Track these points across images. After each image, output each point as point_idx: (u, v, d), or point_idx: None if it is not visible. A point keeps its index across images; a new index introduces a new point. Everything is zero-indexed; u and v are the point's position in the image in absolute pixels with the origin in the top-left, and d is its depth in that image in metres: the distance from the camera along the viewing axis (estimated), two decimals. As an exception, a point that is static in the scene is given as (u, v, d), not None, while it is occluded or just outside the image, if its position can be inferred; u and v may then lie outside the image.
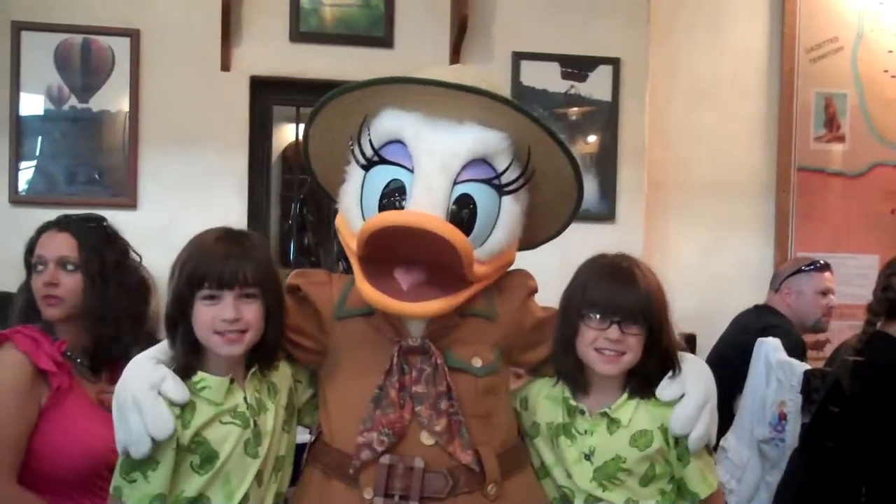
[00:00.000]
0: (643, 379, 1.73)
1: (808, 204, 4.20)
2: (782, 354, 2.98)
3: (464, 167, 1.59)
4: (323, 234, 4.73)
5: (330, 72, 3.59)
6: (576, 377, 1.77)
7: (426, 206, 1.55)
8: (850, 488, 2.49)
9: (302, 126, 4.01)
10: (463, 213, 1.60)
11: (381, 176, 1.61)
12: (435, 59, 3.65)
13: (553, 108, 3.78)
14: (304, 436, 2.56)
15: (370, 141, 1.61)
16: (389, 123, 1.61)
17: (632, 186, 3.83)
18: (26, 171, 3.43)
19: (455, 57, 3.67)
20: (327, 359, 1.70)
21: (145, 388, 1.51)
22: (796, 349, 3.12)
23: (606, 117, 3.81)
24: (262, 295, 1.59)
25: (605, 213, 3.77)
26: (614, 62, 3.81)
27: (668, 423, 1.70)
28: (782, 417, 2.88)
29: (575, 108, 3.80)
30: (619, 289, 1.72)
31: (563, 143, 1.65)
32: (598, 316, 1.71)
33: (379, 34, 3.67)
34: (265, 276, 1.60)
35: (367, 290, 1.56)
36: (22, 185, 3.42)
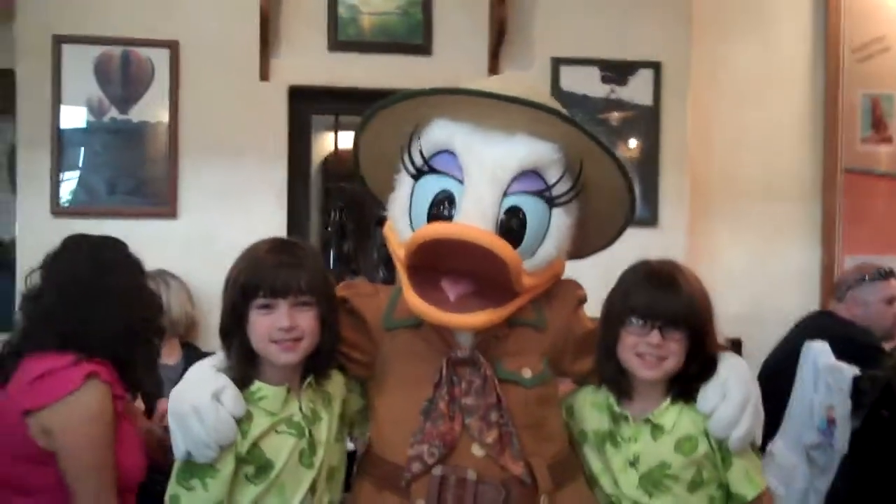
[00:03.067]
0: (686, 384, 1.73)
1: (855, 206, 4.12)
2: (831, 358, 2.93)
3: (514, 179, 1.60)
4: (362, 242, 4.74)
5: (369, 80, 3.58)
6: (619, 383, 1.77)
7: (475, 218, 1.56)
8: (900, 495, 2.45)
9: (341, 134, 4.02)
10: (513, 224, 1.60)
11: (431, 186, 1.62)
12: (474, 65, 3.63)
13: (593, 113, 3.74)
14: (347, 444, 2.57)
15: (420, 150, 1.62)
16: (440, 134, 1.62)
17: (674, 190, 3.77)
18: (68, 182, 3.44)
19: (494, 62, 3.65)
20: (376, 370, 1.70)
21: (206, 397, 1.53)
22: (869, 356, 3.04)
23: (648, 121, 3.76)
24: (316, 303, 1.60)
25: (648, 218, 3.72)
26: (655, 66, 3.76)
27: (710, 426, 1.70)
28: (831, 422, 2.83)
29: (616, 113, 3.75)
30: (660, 294, 1.72)
31: (615, 155, 1.66)
32: (639, 321, 1.71)
33: (417, 41, 3.66)
34: (319, 284, 1.61)
35: (415, 301, 1.57)
36: (64, 197, 3.43)
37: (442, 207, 1.60)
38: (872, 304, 3.34)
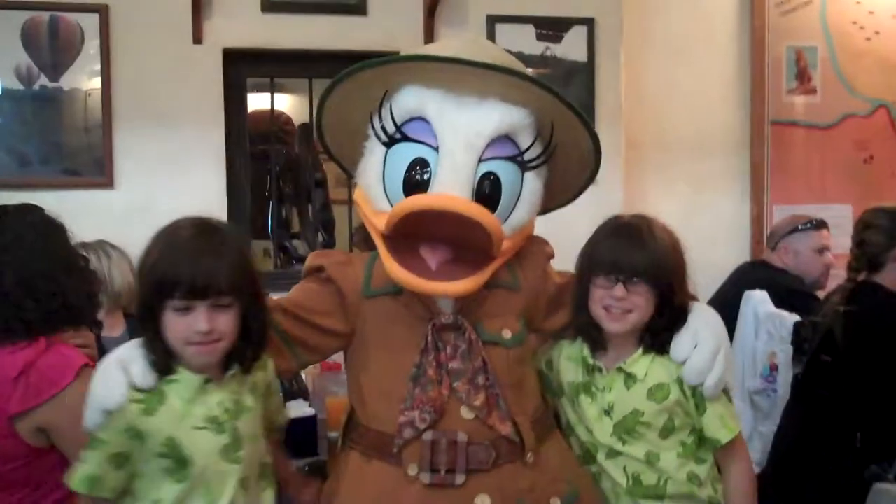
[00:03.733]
0: (656, 335, 1.77)
1: (782, 157, 4.23)
2: (771, 307, 3.02)
3: (488, 145, 1.60)
4: (301, 206, 4.72)
5: (303, 41, 3.56)
6: (593, 335, 1.81)
7: (452, 185, 1.56)
8: (844, 435, 2.54)
9: (277, 97, 3.99)
10: (488, 190, 1.61)
11: (405, 154, 1.61)
12: (409, 25, 3.64)
13: (529, 69, 3.75)
14: (305, 409, 2.58)
15: (392, 118, 1.60)
16: (411, 100, 1.60)
17: (610, 147, 3.78)
18: (-1, 152, 3.36)
19: (429, 22, 3.64)
20: (356, 339, 1.69)
21: (111, 361, 1.50)
22: (805, 303, 3.14)
23: (583, 78, 3.80)
24: (237, 301, 1.50)
25: (585, 175, 3.76)
26: (588, 22, 3.78)
27: (683, 375, 1.74)
28: (773, 369, 2.92)
29: (551, 70, 3.78)
30: (624, 248, 1.75)
31: (585, 118, 1.67)
32: (604, 275, 1.74)
33: (352, 1, 3.63)
34: (241, 280, 1.50)
35: (397, 271, 1.57)
36: (-6, 167, 3.35)
37: (417, 175, 1.60)
38: (803, 253, 3.45)
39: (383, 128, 1.62)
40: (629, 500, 1.78)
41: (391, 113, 1.61)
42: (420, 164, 1.60)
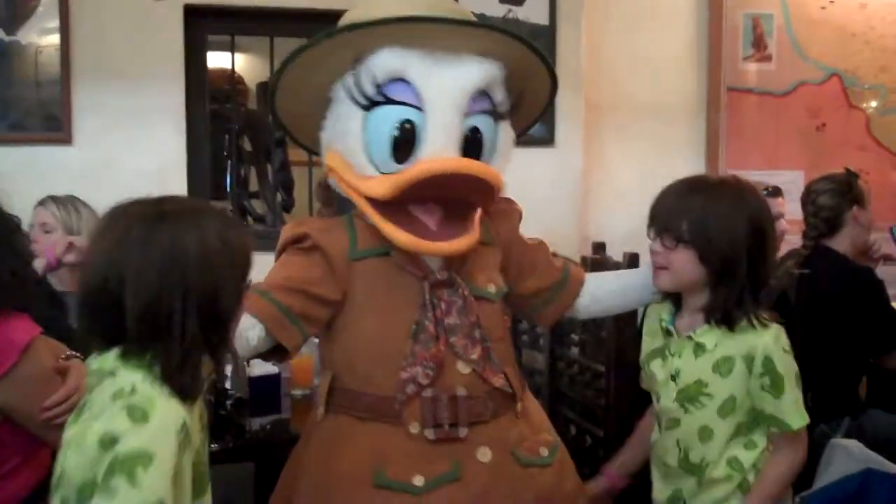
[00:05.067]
0: (716, 310, 1.73)
1: (737, 123, 4.29)
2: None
3: (470, 101, 1.62)
4: (260, 165, 4.69)
5: (266, -1, 3.53)
6: (671, 296, 1.83)
7: (444, 145, 1.58)
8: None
9: (238, 56, 3.95)
10: (473, 145, 1.63)
11: (389, 116, 1.61)
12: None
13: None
14: (269, 367, 2.61)
15: (374, 80, 1.59)
16: (390, 62, 1.59)
17: (570, 110, 3.86)
18: (-46, 108, 3.30)
19: (392, -18, 3.63)
20: (346, 305, 1.69)
21: None
22: None
23: (544, 42, 3.79)
24: None
25: (545, 137, 3.79)
26: (550, -15, 3.80)
27: (755, 351, 1.70)
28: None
29: (512, 33, 3.79)
30: (662, 200, 1.76)
31: (552, 68, 1.72)
32: (649, 223, 1.78)
33: (314, -41, 3.60)
34: None
35: (399, 235, 1.58)
36: (-50, 123, 3.30)
37: (405, 138, 1.60)
38: (759, 220, 3.52)
39: (361, 91, 1.60)
40: (680, 472, 1.79)
41: (372, 75, 1.59)
42: (407, 125, 1.60)
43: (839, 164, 3.11)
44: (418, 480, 1.59)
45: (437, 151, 1.58)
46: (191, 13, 3.52)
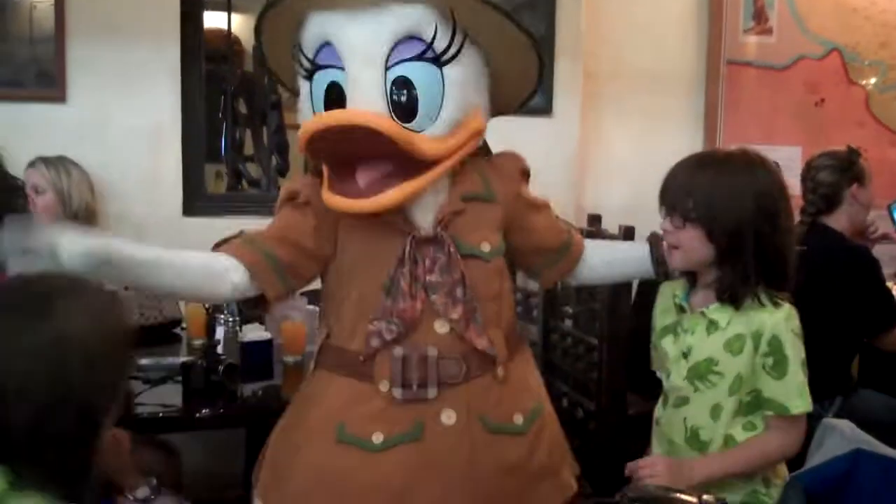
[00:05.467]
0: (726, 288, 1.71)
1: (736, 96, 4.26)
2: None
3: (392, 50, 1.57)
4: (256, 128, 4.65)
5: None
6: (686, 273, 1.81)
7: (363, 102, 1.55)
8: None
9: (235, 17, 3.90)
10: (402, 96, 1.58)
11: (321, 82, 1.61)
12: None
13: (490, -1, 3.72)
14: (261, 333, 2.60)
15: (304, 48, 1.61)
16: (317, 28, 1.60)
17: (569, 79, 3.83)
18: (-56, 63, 3.26)
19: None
20: (336, 260, 1.69)
21: None
22: None
23: (543, 8, 3.77)
24: None
25: (543, 107, 3.77)
26: (552, -48, 3.75)
27: (763, 329, 1.68)
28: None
29: (512, 0, 3.76)
30: (671, 177, 1.74)
31: (491, 2, 1.61)
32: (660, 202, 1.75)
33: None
34: None
35: (327, 197, 1.58)
36: (-59, 79, 3.26)
37: (334, 100, 1.59)
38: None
39: (300, 62, 1.62)
40: (686, 449, 1.78)
41: (306, 44, 1.61)
42: (334, 88, 1.59)
43: (838, 141, 3.10)
44: (377, 438, 1.59)
45: (357, 108, 1.55)
46: (188, -28, 3.47)
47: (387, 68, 1.56)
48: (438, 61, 1.59)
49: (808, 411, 1.74)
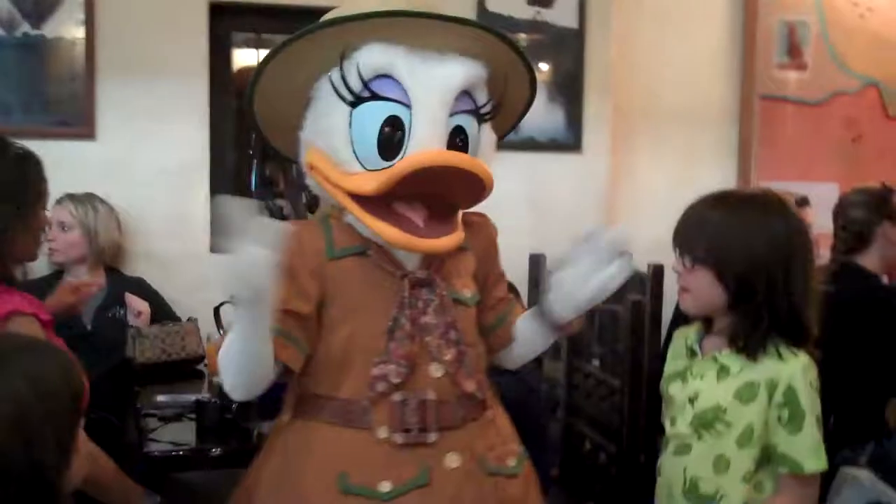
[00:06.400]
0: (739, 336, 1.65)
1: (770, 132, 4.21)
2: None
3: (455, 99, 1.59)
4: (286, 164, 4.65)
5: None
6: (704, 319, 1.75)
7: (431, 142, 1.55)
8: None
9: (262, 53, 3.92)
10: (458, 145, 1.60)
11: (375, 113, 1.58)
12: (399, -15, 3.58)
13: (518, 35, 3.72)
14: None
15: (360, 76, 1.57)
16: (376, 58, 1.57)
17: (598, 115, 3.80)
18: (-23, 100, 3.31)
19: (420, -19, 3.59)
20: (324, 306, 1.63)
21: None
22: None
23: (572, 45, 3.76)
24: None
25: (572, 143, 3.75)
26: (580, -12, 3.75)
27: (779, 378, 1.61)
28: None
29: (541, 35, 3.74)
30: (684, 217, 1.70)
31: (533, 70, 1.72)
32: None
33: (341, -42, 3.57)
34: None
35: (388, 231, 1.54)
36: (-26, 115, 3.30)
37: (392, 134, 1.57)
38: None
39: (348, 87, 1.57)
40: (684, 501, 1.70)
41: (358, 71, 1.57)
42: (394, 122, 1.57)
43: (875, 178, 3.03)
44: (385, 486, 1.56)
45: (423, 146, 1.55)
46: (216, 10, 3.50)
47: (449, 115, 1.59)
48: (481, 118, 1.65)
49: (824, 470, 1.65)
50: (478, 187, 1.56)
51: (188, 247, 3.43)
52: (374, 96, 1.58)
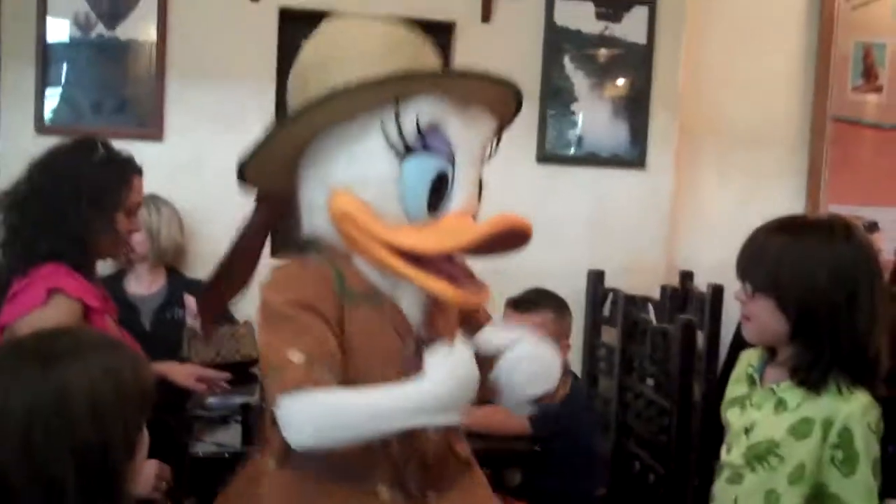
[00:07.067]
0: (801, 369, 1.59)
1: (841, 155, 4.13)
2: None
3: None
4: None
5: (361, 5, 3.51)
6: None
7: (470, 199, 1.55)
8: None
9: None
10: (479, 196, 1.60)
11: (427, 166, 1.51)
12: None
13: (586, 49, 3.70)
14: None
15: (418, 127, 1.49)
16: (432, 111, 1.50)
17: (664, 132, 3.76)
18: (52, 99, 3.39)
19: (488, -2, 3.59)
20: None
21: None
22: None
23: (640, 60, 3.72)
24: None
25: (636, 160, 3.70)
26: (650, 3, 3.71)
27: (835, 417, 1.55)
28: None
29: (608, 50, 3.71)
30: (747, 243, 1.66)
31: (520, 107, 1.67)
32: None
33: (411, -32, 3.58)
34: None
35: (445, 289, 1.47)
36: (48, 114, 3.38)
37: (441, 189, 1.51)
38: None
39: (402, 136, 1.49)
40: None
41: (417, 122, 1.49)
42: (443, 177, 1.52)
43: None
44: None
45: (464, 203, 1.53)
46: (286, 16, 3.53)
47: None
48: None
49: None
50: (524, 243, 1.54)
51: (249, 250, 3.45)
52: (426, 147, 1.51)
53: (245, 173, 1.70)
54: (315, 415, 1.40)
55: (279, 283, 1.55)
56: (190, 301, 3.04)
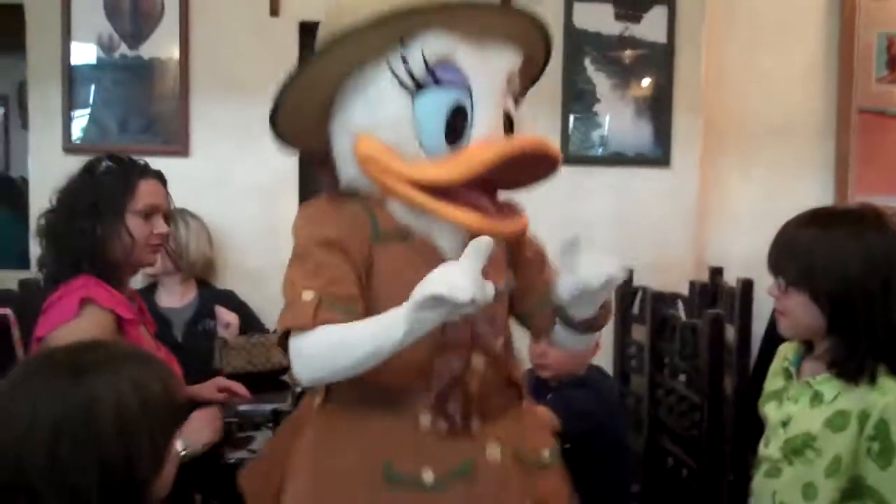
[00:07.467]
0: (838, 361, 1.58)
1: (868, 147, 4.09)
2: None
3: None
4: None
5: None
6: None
7: (493, 129, 1.52)
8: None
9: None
10: (509, 128, 1.57)
11: (441, 100, 1.52)
12: None
13: (607, 50, 3.70)
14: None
15: (425, 63, 1.51)
16: (439, 45, 1.51)
17: (687, 130, 3.75)
18: (79, 119, 3.45)
19: (506, -3, 3.60)
20: (369, 290, 1.55)
21: None
22: None
23: (661, 60, 3.72)
24: None
25: (660, 158, 3.70)
26: (670, 2, 3.71)
27: (872, 409, 1.54)
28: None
29: (629, 51, 3.71)
30: (778, 237, 1.64)
31: (550, 48, 1.68)
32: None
33: (429, -23, 3.60)
34: None
35: (469, 217, 1.47)
36: (75, 134, 3.44)
37: (457, 121, 1.52)
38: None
39: (411, 74, 1.51)
40: None
41: (423, 58, 1.51)
42: (460, 110, 1.53)
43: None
44: (427, 476, 1.50)
45: (486, 132, 1.52)
46: (306, 30, 3.56)
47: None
48: (516, 103, 1.62)
49: None
50: (552, 169, 1.52)
51: (277, 260, 3.44)
52: (437, 82, 1.53)
53: (279, 135, 1.77)
54: (320, 351, 1.43)
55: (309, 218, 1.59)
56: (221, 311, 3.07)
